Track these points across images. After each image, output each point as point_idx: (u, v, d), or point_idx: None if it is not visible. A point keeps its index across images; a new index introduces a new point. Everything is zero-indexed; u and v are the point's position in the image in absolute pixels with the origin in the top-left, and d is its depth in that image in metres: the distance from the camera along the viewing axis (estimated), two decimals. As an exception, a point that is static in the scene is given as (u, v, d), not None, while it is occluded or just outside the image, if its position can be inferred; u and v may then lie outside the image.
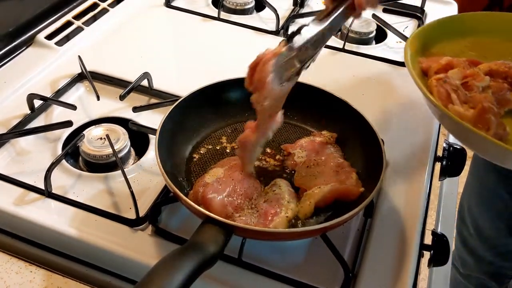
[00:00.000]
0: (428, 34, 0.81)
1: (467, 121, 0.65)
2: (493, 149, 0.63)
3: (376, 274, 0.64)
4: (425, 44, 0.80)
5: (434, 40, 0.81)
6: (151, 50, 1.00)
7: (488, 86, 0.72)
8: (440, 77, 0.71)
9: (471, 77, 0.72)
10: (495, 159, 0.70)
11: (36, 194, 0.70)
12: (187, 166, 0.72)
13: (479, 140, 0.64)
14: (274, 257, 0.65)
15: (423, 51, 0.80)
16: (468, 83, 0.72)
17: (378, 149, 0.69)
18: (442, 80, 0.71)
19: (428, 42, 0.80)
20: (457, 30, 0.83)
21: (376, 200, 0.73)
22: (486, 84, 0.72)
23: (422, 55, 0.79)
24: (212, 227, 0.56)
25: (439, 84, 0.71)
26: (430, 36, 0.81)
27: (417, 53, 0.78)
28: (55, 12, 1.03)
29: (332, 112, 0.77)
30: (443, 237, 0.73)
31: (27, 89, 0.86)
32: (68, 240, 0.65)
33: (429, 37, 0.81)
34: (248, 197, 0.65)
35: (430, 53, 0.80)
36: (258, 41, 1.06)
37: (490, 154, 0.69)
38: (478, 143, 0.67)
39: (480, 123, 0.65)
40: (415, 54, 0.77)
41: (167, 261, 0.50)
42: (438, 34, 0.82)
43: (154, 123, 0.78)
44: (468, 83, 0.72)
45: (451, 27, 0.83)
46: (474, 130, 0.62)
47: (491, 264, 1.14)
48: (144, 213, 0.67)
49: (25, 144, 0.78)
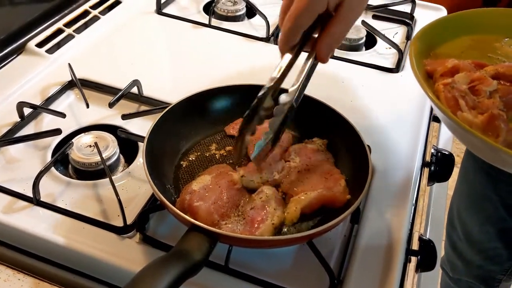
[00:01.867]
0: (430, 34, 0.78)
1: (476, 129, 0.63)
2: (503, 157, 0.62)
3: (362, 280, 0.65)
4: (429, 45, 0.78)
5: (438, 40, 0.79)
6: (142, 58, 1.01)
7: (496, 90, 0.70)
8: (448, 82, 0.70)
9: (478, 81, 0.70)
10: (506, 166, 0.67)
11: (24, 202, 0.70)
12: (176, 173, 0.73)
13: (489, 148, 0.62)
14: (261, 264, 0.65)
15: (428, 52, 0.77)
16: (476, 87, 0.70)
17: (364, 156, 0.69)
18: (450, 86, 0.69)
19: (432, 42, 0.78)
20: (459, 28, 0.81)
21: (363, 206, 0.74)
22: (494, 89, 0.70)
23: (426, 56, 0.77)
24: (197, 235, 0.56)
25: (447, 89, 0.69)
26: (433, 36, 0.78)
27: (421, 54, 0.75)
28: (46, 19, 1.04)
29: (320, 118, 0.78)
30: (430, 242, 0.73)
31: (17, 97, 0.87)
32: (56, 248, 0.66)
33: (432, 37, 0.78)
34: (235, 205, 0.66)
35: (435, 54, 0.78)
36: (249, 48, 1.06)
37: (500, 161, 0.67)
38: (487, 151, 0.65)
39: (489, 130, 0.64)
40: (420, 55, 0.75)
41: (151, 268, 0.51)
42: (441, 33, 0.79)
43: (144, 131, 0.78)
44: (476, 87, 0.70)
45: (453, 26, 0.81)
46: (484, 138, 0.61)
47: (480, 268, 1.14)
48: (132, 221, 0.68)
49: (14, 152, 0.78)
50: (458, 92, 0.68)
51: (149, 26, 1.12)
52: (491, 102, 0.67)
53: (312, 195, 0.66)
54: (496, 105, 0.66)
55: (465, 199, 1.15)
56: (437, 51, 0.78)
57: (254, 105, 0.62)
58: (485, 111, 0.65)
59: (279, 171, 0.71)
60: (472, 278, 1.18)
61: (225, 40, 1.08)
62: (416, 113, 0.92)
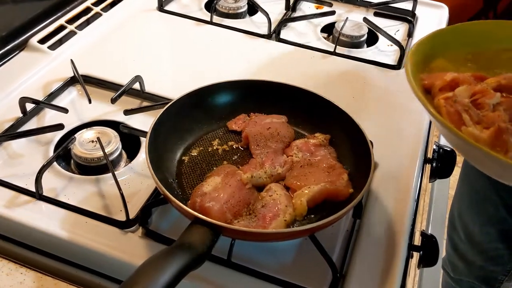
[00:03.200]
0: (425, 48, 0.75)
1: (483, 144, 0.60)
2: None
3: (364, 275, 0.65)
4: (424, 60, 0.74)
5: (433, 54, 0.76)
6: (144, 54, 1.01)
7: (499, 103, 0.67)
8: (449, 96, 0.66)
9: (481, 94, 0.67)
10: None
11: (27, 196, 0.70)
12: (178, 168, 0.73)
13: (499, 164, 0.59)
14: (263, 258, 0.66)
15: (424, 67, 0.74)
16: (478, 100, 0.67)
17: (367, 151, 0.69)
18: (452, 100, 0.65)
19: (427, 56, 0.75)
20: (455, 41, 0.78)
21: (365, 201, 0.74)
22: (498, 101, 0.67)
23: (422, 71, 0.73)
24: (200, 228, 0.56)
25: (448, 104, 0.65)
26: (427, 51, 0.75)
27: (417, 69, 0.72)
28: (48, 16, 1.04)
29: (323, 114, 0.78)
30: (432, 237, 0.73)
31: (19, 92, 0.87)
32: (59, 242, 0.66)
33: (427, 51, 0.75)
34: (246, 203, 0.66)
35: (430, 68, 0.75)
36: (250, 44, 1.06)
37: (509, 178, 0.65)
38: (496, 167, 0.63)
39: (498, 145, 0.60)
40: (416, 70, 0.71)
41: (153, 260, 0.51)
42: (436, 47, 0.76)
43: (145, 126, 0.78)
44: (478, 100, 0.67)
45: (448, 39, 0.78)
46: (496, 155, 0.58)
47: (481, 268, 1.14)
48: (134, 215, 0.68)
49: (17, 147, 0.78)
50: (461, 106, 0.65)
51: (151, 23, 1.12)
52: (496, 115, 0.64)
53: (316, 188, 0.66)
54: (501, 119, 0.63)
55: (466, 200, 1.15)
56: (433, 65, 0.75)
57: None
58: (490, 125, 0.62)
59: (281, 164, 0.71)
60: (473, 278, 1.18)
61: (227, 37, 1.08)
62: (418, 109, 0.91)
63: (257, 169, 0.70)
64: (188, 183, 0.70)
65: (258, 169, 0.70)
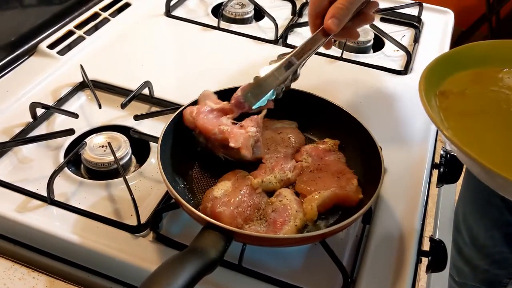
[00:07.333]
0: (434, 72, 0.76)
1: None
2: None
3: (374, 280, 0.65)
4: (434, 83, 0.76)
5: (441, 77, 0.77)
6: (152, 59, 1.02)
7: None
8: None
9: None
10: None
11: (38, 201, 0.71)
12: (188, 173, 0.73)
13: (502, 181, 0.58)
14: (274, 263, 0.66)
15: (434, 90, 0.75)
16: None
17: (377, 156, 0.70)
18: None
19: (437, 80, 0.76)
20: (458, 64, 0.79)
21: (374, 207, 0.74)
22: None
23: (434, 94, 0.75)
24: (212, 233, 0.57)
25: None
26: (436, 74, 0.77)
27: (429, 92, 0.73)
28: (57, 21, 1.04)
29: (331, 120, 0.78)
30: (441, 243, 0.73)
31: (29, 97, 0.87)
32: (70, 247, 0.66)
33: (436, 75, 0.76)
34: (256, 208, 0.66)
35: (440, 91, 0.76)
36: (257, 50, 1.07)
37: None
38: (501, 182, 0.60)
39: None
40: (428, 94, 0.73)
41: (167, 266, 0.51)
42: (443, 70, 0.78)
43: (155, 131, 0.79)
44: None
45: (453, 62, 0.79)
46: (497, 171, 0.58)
47: (486, 272, 1.14)
48: (145, 220, 0.68)
49: (27, 152, 0.79)
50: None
51: (158, 28, 1.13)
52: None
53: (326, 193, 0.66)
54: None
55: (470, 204, 1.15)
56: (442, 89, 0.76)
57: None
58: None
59: (291, 169, 0.71)
60: (478, 282, 1.18)
61: (234, 43, 1.09)
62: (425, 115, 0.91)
63: (267, 174, 0.70)
64: (198, 188, 0.71)
65: (268, 174, 0.70)
